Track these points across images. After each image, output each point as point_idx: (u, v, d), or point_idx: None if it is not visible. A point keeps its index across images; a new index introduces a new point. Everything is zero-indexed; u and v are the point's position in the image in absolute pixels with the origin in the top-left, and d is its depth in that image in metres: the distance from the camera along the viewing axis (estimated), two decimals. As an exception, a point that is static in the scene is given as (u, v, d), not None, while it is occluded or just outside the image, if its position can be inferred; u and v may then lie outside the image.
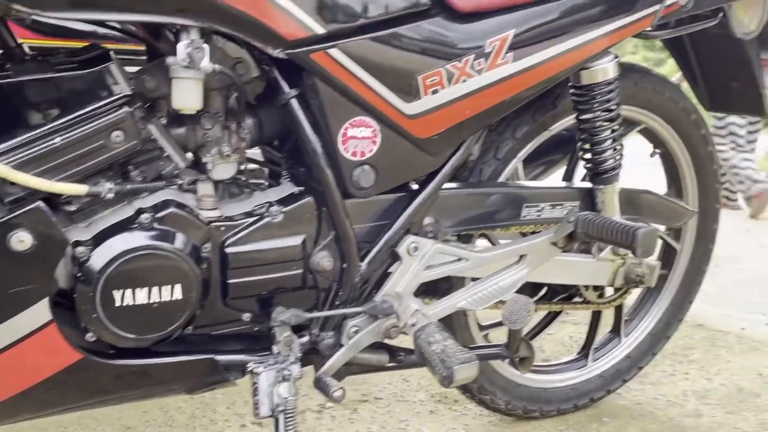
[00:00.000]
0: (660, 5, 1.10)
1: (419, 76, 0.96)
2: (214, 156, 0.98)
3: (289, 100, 0.94)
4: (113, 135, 0.85)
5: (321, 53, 0.89)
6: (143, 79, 0.90)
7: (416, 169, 1.03)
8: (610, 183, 1.20)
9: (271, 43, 0.87)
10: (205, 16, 0.83)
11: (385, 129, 0.97)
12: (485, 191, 1.14)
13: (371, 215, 1.04)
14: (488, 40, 0.99)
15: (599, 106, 1.14)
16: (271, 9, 0.85)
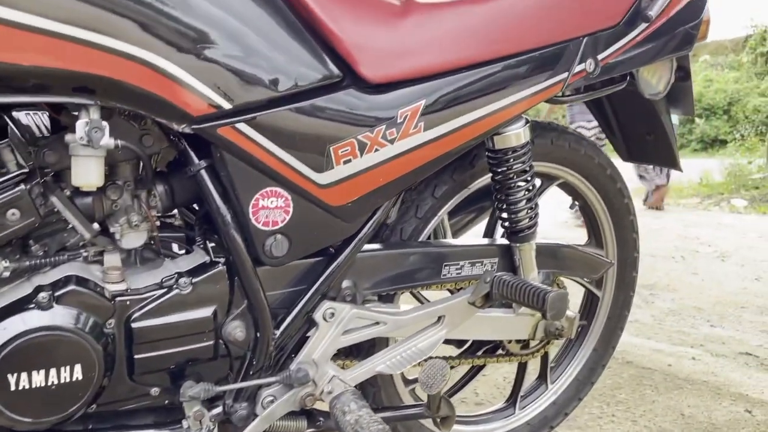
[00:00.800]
0: (567, 73, 1.14)
1: (331, 147, 0.97)
2: (123, 225, 0.96)
3: (198, 171, 0.93)
4: (8, 213, 0.82)
5: (228, 128, 0.89)
6: (44, 153, 0.88)
7: (331, 236, 1.03)
8: (526, 241, 1.22)
9: (176, 120, 0.87)
10: (104, 95, 0.81)
11: (297, 198, 0.97)
12: (404, 252, 1.15)
13: (286, 281, 1.03)
14: (400, 110, 1.01)
15: (513, 169, 1.17)
16: (175, 86, 0.84)
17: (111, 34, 0.78)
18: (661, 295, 3.43)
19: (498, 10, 1.08)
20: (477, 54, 1.06)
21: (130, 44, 0.79)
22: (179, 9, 0.82)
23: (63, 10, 0.74)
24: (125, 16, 0.78)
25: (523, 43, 1.10)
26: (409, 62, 1.02)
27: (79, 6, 0.75)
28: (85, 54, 0.77)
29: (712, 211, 6.78)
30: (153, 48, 0.81)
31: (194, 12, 0.84)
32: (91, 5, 0.76)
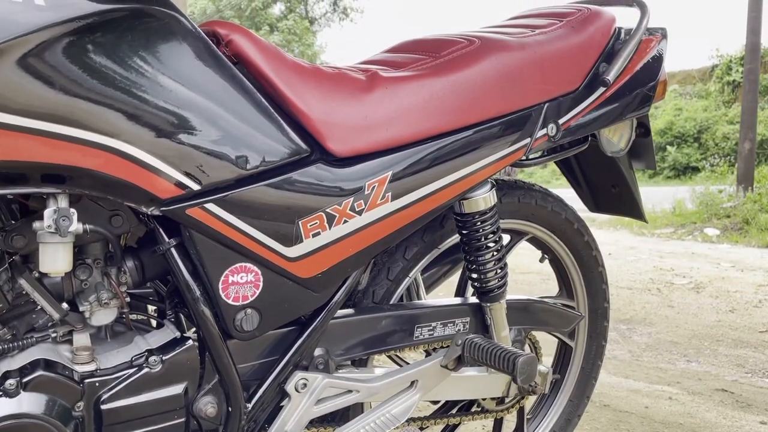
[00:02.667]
0: (530, 138, 1.17)
1: (300, 221, 0.98)
2: (93, 304, 0.96)
3: (168, 249, 0.93)
4: (-25, 302, 0.82)
5: (197, 208, 0.90)
6: (12, 237, 0.88)
7: (302, 307, 1.04)
8: (497, 300, 1.24)
9: (144, 203, 0.88)
10: (72, 183, 0.82)
11: (267, 272, 0.98)
12: (376, 316, 1.16)
13: (258, 353, 1.04)
14: (367, 182, 1.03)
15: (481, 231, 1.19)
16: (143, 171, 0.85)
17: (77, 125, 0.79)
18: (638, 330, 3.47)
19: (460, 81, 1.11)
20: (441, 124, 1.09)
21: (96, 133, 0.80)
22: (144, 95, 0.84)
23: (27, 104, 0.76)
24: (89, 106, 0.80)
25: (486, 111, 1.13)
26: (375, 135, 1.04)
27: (43, 99, 0.76)
28: (52, 145, 0.78)
29: (686, 240, 6.91)
30: (119, 135, 0.82)
31: (159, 96, 0.85)
32: (55, 97, 0.77)
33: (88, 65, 0.79)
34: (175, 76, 0.86)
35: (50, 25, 0.75)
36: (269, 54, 0.99)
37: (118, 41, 0.81)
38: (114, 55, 0.81)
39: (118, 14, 0.81)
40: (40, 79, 0.76)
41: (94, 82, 0.79)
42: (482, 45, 1.16)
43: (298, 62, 1.03)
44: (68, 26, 0.76)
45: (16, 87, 0.74)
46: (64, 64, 0.77)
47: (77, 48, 0.78)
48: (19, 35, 0.73)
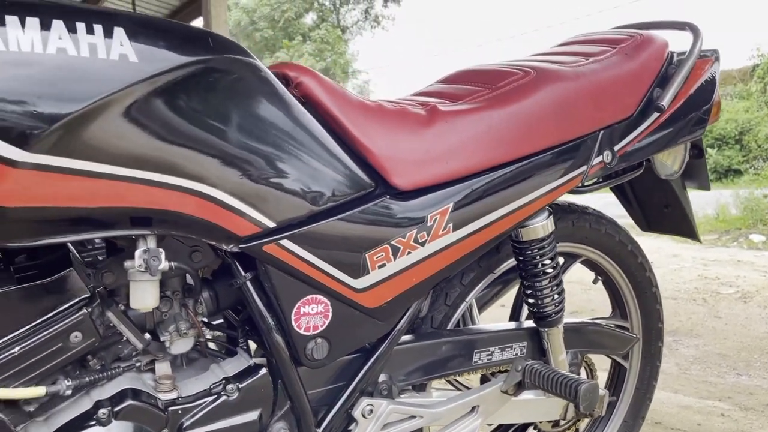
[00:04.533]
0: (586, 166, 1.19)
1: (366, 254, 1.02)
2: (172, 334, 1.01)
3: (244, 283, 0.98)
4: (72, 336, 0.88)
5: (272, 245, 0.95)
6: (102, 274, 0.94)
7: (368, 336, 1.08)
8: (554, 325, 1.26)
9: (225, 241, 0.93)
10: (161, 225, 0.88)
11: (336, 303, 1.02)
12: (436, 342, 1.19)
13: (326, 380, 1.08)
14: (429, 214, 1.06)
15: (538, 259, 1.21)
16: (225, 212, 0.90)
17: (167, 171, 0.84)
18: (684, 341, 3.42)
19: (517, 113, 1.14)
20: (499, 155, 1.12)
21: (185, 178, 0.86)
22: (227, 140, 0.89)
23: (123, 154, 0.81)
24: (178, 153, 0.85)
25: (543, 141, 1.16)
26: (436, 168, 1.08)
27: (137, 149, 0.82)
28: (145, 191, 0.83)
29: (731, 247, 6.75)
30: (205, 179, 0.87)
31: (240, 141, 0.90)
32: (148, 147, 0.83)
33: (177, 115, 0.84)
34: (254, 121, 0.91)
35: (143, 79, 0.81)
36: (336, 94, 1.03)
37: (203, 90, 0.86)
38: (199, 103, 0.86)
39: (203, 65, 0.86)
40: (135, 131, 0.81)
41: (183, 131, 0.85)
42: (538, 76, 1.18)
43: (362, 101, 1.07)
44: (158, 79, 0.82)
45: (115, 139, 0.80)
46: (156, 115, 0.82)
47: (166, 99, 0.83)
48: (116, 91, 0.79)
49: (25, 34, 0.74)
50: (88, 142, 0.78)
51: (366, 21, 28.02)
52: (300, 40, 25.85)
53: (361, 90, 29.92)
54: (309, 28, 26.77)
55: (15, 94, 0.74)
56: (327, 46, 25.51)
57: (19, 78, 0.74)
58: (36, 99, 0.75)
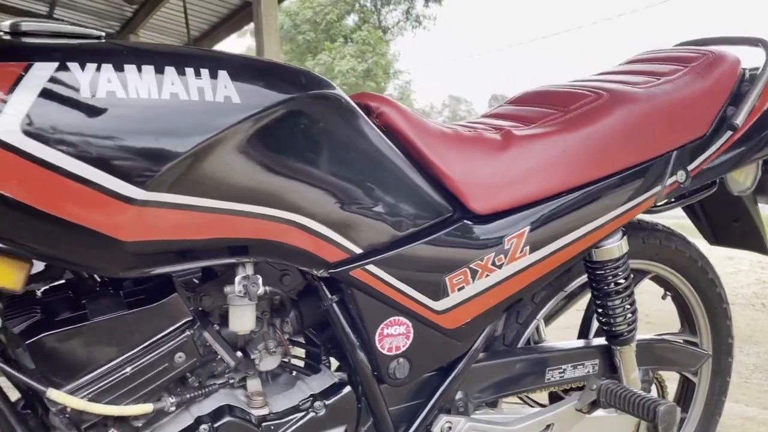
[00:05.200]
0: (660, 186, 1.20)
1: (446, 277, 1.06)
2: (261, 352, 1.07)
3: (330, 305, 1.03)
4: (176, 356, 0.94)
5: (359, 270, 0.99)
6: (201, 298, 1.00)
7: (447, 356, 1.12)
8: (627, 344, 1.27)
9: (316, 267, 0.98)
10: (259, 253, 0.93)
11: (417, 325, 1.06)
12: (510, 360, 1.22)
13: (406, 396, 1.12)
14: (506, 237, 1.09)
15: (612, 279, 1.23)
16: (317, 239, 0.95)
17: (267, 203, 0.90)
18: (744, 349, 3.34)
19: (591, 136, 1.16)
20: (574, 178, 1.14)
21: (283, 210, 0.91)
22: (318, 172, 0.93)
23: (227, 189, 0.87)
24: (276, 186, 0.90)
25: (617, 163, 1.17)
26: (513, 192, 1.11)
27: (239, 184, 0.87)
28: (247, 223, 0.89)
29: (791, 249, 6.50)
30: (299, 210, 0.92)
31: (331, 172, 0.95)
32: (249, 181, 0.88)
33: (275, 150, 0.89)
34: (342, 152, 0.96)
35: (244, 119, 0.86)
36: (415, 123, 1.07)
37: (297, 125, 0.91)
38: (294, 138, 0.91)
39: (296, 101, 0.91)
40: (239, 167, 0.87)
41: (281, 165, 0.90)
42: (611, 98, 1.20)
43: (440, 128, 1.10)
44: (258, 118, 0.87)
45: (220, 175, 0.85)
46: (256, 151, 0.88)
47: (265, 136, 0.88)
48: (221, 131, 0.84)
49: (142, 80, 0.80)
50: (197, 179, 0.84)
51: (407, 21, 28.05)
52: (342, 42, 26.06)
53: (402, 91, 29.97)
54: (350, 29, 26.95)
55: (134, 138, 0.80)
56: (368, 47, 25.65)
57: (137, 122, 0.80)
58: (151, 141, 0.81)
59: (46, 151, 0.75)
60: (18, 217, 0.77)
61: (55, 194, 0.77)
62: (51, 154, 0.75)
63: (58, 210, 0.77)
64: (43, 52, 0.77)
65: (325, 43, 26.17)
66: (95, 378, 0.90)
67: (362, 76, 25.62)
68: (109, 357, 0.91)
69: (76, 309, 0.93)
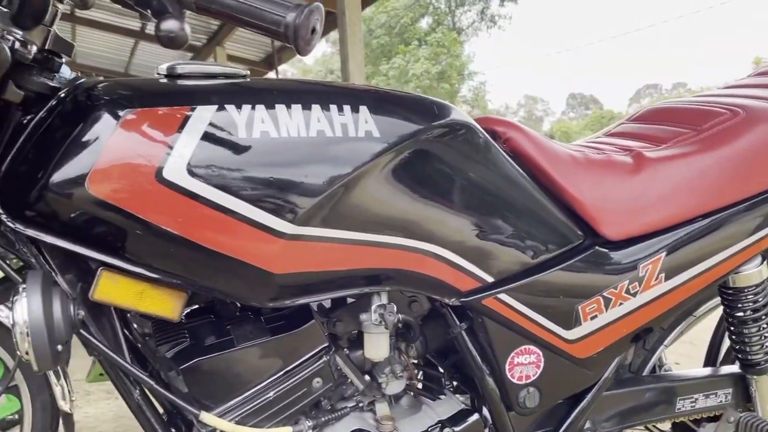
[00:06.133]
0: (804, 210, 1.13)
1: (578, 306, 1.03)
2: (388, 375, 1.08)
3: (459, 332, 1.03)
4: (314, 381, 0.97)
5: (490, 298, 0.99)
6: (335, 324, 1.02)
7: (577, 385, 1.09)
8: (763, 373, 1.20)
9: (448, 295, 0.98)
10: (393, 282, 0.94)
11: (548, 354, 1.04)
12: (640, 389, 1.18)
13: (534, 425, 1.10)
14: (641, 264, 1.05)
15: (749, 306, 1.16)
16: (450, 269, 0.95)
17: (404, 234, 0.91)
18: None
19: (729, 157, 1.10)
20: (711, 201, 1.09)
21: (419, 240, 0.92)
22: (452, 201, 0.94)
23: (367, 221, 0.88)
24: (413, 217, 0.91)
25: (757, 185, 1.11)
26: (647, 217, 1.07)
27: (377, 215, 0.89)
28: (385, 254, 0.90)
29: None
30: (433, 239, 0.93)
31: (463, 201, 0.95)
32: (387, 213, 0.89)
33: (411, 181, 0.90)
34: (474, 181, 0.96)
35: (384, 152, 0.87)
36: (543, 147, 1.06)
37: (431, 155, 0.92)
38: (428, 168, 0.92)
39: (430, 132, 0.91)
40: (378, 199, 0.88)
41: (417, 195, 0.91)
42: (748, 116, 1.13)
43: (568, 151, 1.08)
44: (396, 150, 0.88)
45: (362, 208, 0.87)
46: (395, 183, 0.89)
47: (403, 168, 0.89)
48: (363, 165, 0.86)
49: (292, 119, 0.83)
50: (341, 212, 0.86)
51: (482, 21, 27.76)
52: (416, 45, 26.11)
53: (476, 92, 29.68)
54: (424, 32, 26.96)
55: (284, 175, 0.83)
56: (443, 49, 25.57)
57: (288, 160, 0.83)
58: (300, 178, 0.83)
59: (208, 190, 0.79)
60: (180, 251, 0.81)
61: (214, 230, 0.81)
62: (212, 192, 0.79)
63: (217, 244, 0.81)
64: (203, 95, 0.82)
65: (399, 46, 26.30)
66: (242, 402, 0.93)
67: (436, 79, 25.58)
68: (254, 382, 0.94)
69: (221, 334, 0.97)
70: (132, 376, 0.89)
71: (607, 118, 23.45)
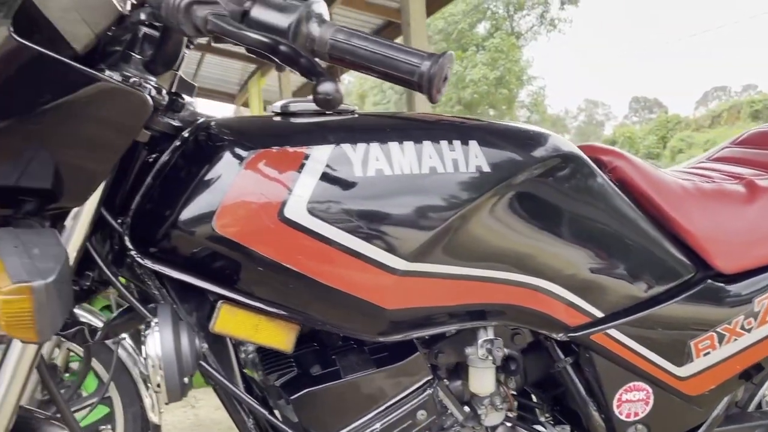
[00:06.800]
0: None
1: (691, 342, 1.00)
2: (487, 407, 1.07)
3: (564, 367, 1.01)
4: (419, 413, 0.97)
5: (600, 334, 0.97)
6: (437, 355, 1.02)
7: (687, 423, 1.05)
8: None
9: (555, 330, 0.96)
10: (499, 317, 0.94)
11: (657, 390, 1.01)
12: (750, 425, 1.13)
13: (637, 462, 1.07)
14: (756, 298, 1.01)
15: None
16: (558, 303, 0.94)
17: (513, 269, 0.90)
18: None
19: None
20: (833, 232, 1.03)
21: (527, 274, 0.91)
22: (561, 235, 0.92)
23: (478, 256, 0.88)
24: (522, 251, 0.90)
25: None
26: (762, 249, 1.02)
27: (491, 251, 0.88)
28: (494, 288, 0.90)
29: None
30: (542, 274, 0.92)
31: (572, 234, 0.93)
32: (499, 249, 0.89)
33: (521, 215, 0.90)
34: (583, 213, 0.94)
35: (495, 186, 0.87)
36: (650, 177, 1.03)
37: (542, 189, 0.91)
38: (538, 201, 0.91)
39: (541, 165, 0.90)
40: (489, 234, 0.88)
41: (526, 229, 0.90)
42: None
43: (677, 181, 1.05)
44: (507, 184, 0.88)
45: (472, 244, 0.87)
46: (504, 218, 0.88)
47: (513, 202, 0.89)
48: (474, 200, 0.86)
49: (405, 156, 0.84)
50: (452, 248, 0.86)
51: (541, 25, 27.35)
52: (473, 50, 25.96)
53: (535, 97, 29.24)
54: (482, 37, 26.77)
55: (398, 212, 0.83)
56: (501, 54, 25.32)
57: (401, 197, 0.84)
58: (413, 215, 0.84)
59: (326, 228, 0.80)
60: (298, 286, 0.83)
61: (331, 266, 0.82)
62: (329, 230, 0.80)
63: (333, 280, 0.83)
64: (319, 134, 0.83)
65: (456, 52, 26.21)
66: (350, 433, 0.94)
67: (494, 84, 25.34)
68: (362, 413, 0.95)
69: (326, 364, 0.98)
70: (246, 405, 0.91)
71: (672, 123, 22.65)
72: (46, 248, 0.64)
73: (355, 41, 0.65)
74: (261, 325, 0.88)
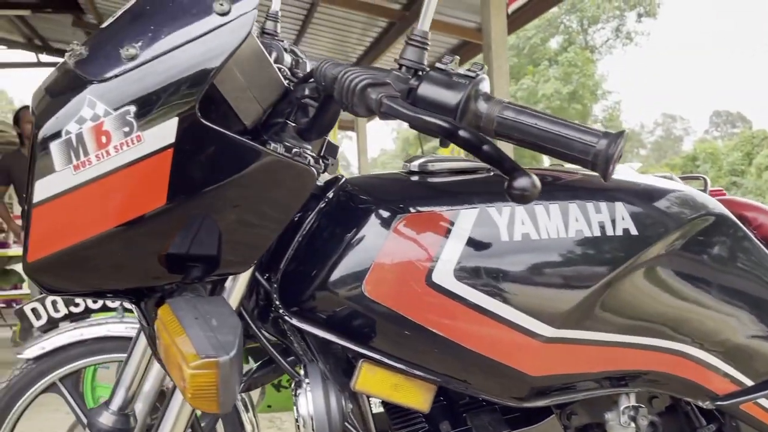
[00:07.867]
0: None
1: None
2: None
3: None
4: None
5: (750, 403, 0.92)
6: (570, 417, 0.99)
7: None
8: None
9: (701, 398, 0.92)
10: (642, 384, 0.90)
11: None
12: None
13: None
14: None
15: None
16: (704, 370, 0.90)
17: (658, 335, 0.87)
18: None
19: None
20: None
21: (672, 341, 0.88)
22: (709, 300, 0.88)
23: (623, 322, 0.85)
24: (670, 318, 0.87)
25: None
26: None
27: (636, 317, 0.86)
28: (636, 355, 0.87)
29: None
30: (687, 340, 0.88)
31: (719, 299, 0.89)
32: (645, 315, 0.86)
33: (668, 279, 0.86)
34: (731, 275, 0.90)
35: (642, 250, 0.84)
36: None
37: (688, 251, 0.88)
38: (685, 264, 0.88)
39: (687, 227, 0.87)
40: (635, 300, 0.85)
41: (673, 294, 0.87)
42: None
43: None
44: (654, 248, 0.85)
45: (618, 309, 0.85)
46: (651, 282, 0.86)
47: (659, 265, 0.86)
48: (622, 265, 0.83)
49: (551, 220, 0.82)
50: (598, 315, 0.84)
51: (617, 39, 26.64)
52: (546, 65, 25.55)
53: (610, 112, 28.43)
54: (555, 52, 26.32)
55: (544, 277, 0.82)
56: (575, 68, 24.79)
57: (547, 262, 0.82)
58: (560, 280, 0.82)
59: (472, 293, 0.80)
60: (441, 349, 0.83)
61: (475, 331, 0.81)
62: (475, 295, 0.80)
63: (477, 345, 0.82)
64: (464, 197, 0.83)
65: (527, 67, 25.87)
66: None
67: (567, 99, 24.81)
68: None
69: (457, 422, 0.97)
70: (383, 464, 0.91)
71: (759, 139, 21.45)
72: (222, 318, 0.66)
73: (524, 119, 0.64)
74: (400, 384, 0.88)
